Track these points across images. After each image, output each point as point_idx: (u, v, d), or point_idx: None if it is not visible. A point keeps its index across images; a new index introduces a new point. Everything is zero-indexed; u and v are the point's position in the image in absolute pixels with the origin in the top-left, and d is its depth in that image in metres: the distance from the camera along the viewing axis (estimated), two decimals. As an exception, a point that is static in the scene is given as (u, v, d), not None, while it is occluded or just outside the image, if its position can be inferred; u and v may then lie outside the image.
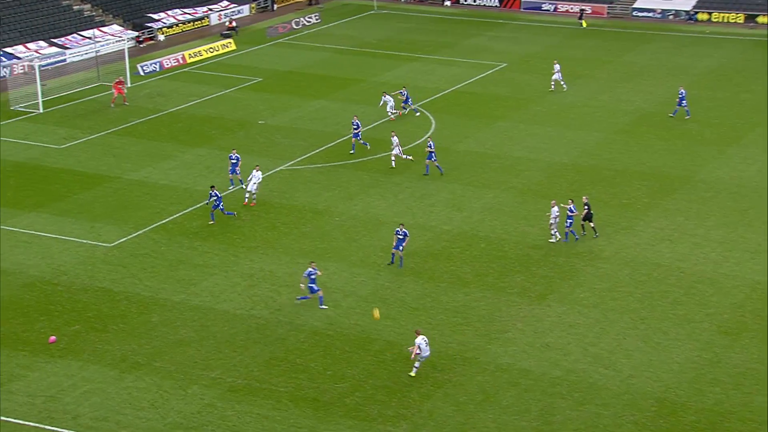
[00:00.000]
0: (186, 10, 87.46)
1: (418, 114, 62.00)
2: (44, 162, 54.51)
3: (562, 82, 67.39)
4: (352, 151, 54.95)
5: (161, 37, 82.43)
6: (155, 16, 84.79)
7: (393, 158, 52.80)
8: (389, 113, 60.61)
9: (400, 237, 41.73)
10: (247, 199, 48.20)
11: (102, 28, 79.54)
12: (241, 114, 62.90)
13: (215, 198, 45.86)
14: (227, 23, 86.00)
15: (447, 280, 41.18)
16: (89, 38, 76.50)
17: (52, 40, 76.12)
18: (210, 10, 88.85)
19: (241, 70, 72.82)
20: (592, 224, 44.93)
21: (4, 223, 46.32)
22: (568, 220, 44.29)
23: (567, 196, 46.90)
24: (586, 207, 44.72)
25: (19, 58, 71.82)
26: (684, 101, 61.30)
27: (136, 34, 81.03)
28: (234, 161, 49.95)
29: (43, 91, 63.64)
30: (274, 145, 57.15)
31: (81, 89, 67.47)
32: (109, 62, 71.59)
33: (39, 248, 43.91)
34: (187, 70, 73.24)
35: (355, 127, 55.09)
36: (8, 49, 72.95)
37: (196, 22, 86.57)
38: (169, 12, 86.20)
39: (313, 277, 38.48)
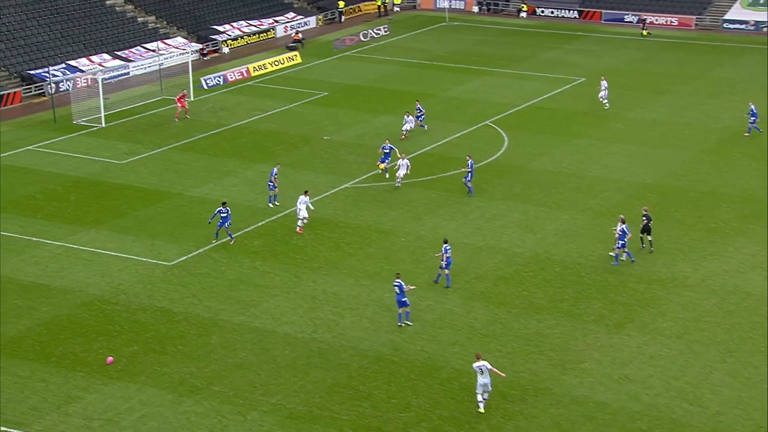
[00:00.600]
0: (251, 22, 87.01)
1: (424, 128, 60.61)
2: (105, 177, 53.98)
3: (604, 100, 65.13)
4: (386, 175, 53.07)
5: (225, 50, 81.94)
6: (220, 28, 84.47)
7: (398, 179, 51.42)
8: (405, 132, 58.99)
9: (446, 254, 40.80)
10: (299, 228, 46.51)
11: (166, 41, 79.23)
12: (305, 129, 61.95)
13: (225, 214, 44.53)
14: (293, 35, 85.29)
15: (519, 306, 39.69)
16: (153, 51, 76.19)
17: (116, 52, 75.98)
18: (276, 22, 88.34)
19: (307, 84, 72.03)
20: (650, 238, 43.38)
21: (65, 240, 45.91)
22: (620, 241, 42.46)
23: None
24: (644, 219, 43.13)
25: (82, 71, 71.66)
26: (754, 117, 58.90)
27: (200, 46, 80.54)
28: (275, 175, 48.99)
29: (105, 105, 63.28)
30: (339, 162, 56.04)
31: (143, 103, 67.14)
32: (173, 75, 71.28)
33: (98, 266, 43.31)
34: (252, 84, 72.62)
35: (386, 151, 53.14)
36: (72, 62, 72.85)
37: (261, 35, 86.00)
38: (234, 24, 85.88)
39: (402, 290, 37.59)
